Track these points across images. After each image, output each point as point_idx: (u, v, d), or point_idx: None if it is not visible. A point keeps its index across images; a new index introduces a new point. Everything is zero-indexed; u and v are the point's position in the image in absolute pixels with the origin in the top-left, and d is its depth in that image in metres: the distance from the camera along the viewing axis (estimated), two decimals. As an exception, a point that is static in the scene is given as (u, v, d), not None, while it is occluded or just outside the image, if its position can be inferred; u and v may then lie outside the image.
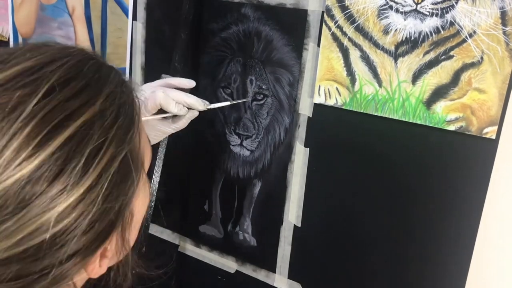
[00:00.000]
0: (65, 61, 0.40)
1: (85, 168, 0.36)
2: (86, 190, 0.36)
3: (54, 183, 0.35)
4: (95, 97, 0.39)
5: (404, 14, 0.61)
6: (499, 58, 0.57)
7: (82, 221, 0.37)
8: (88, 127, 0.37)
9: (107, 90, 0.41)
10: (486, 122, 0.59)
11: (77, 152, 0.36)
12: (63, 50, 0.42)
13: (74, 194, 0.36)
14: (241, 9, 0.76)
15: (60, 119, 0.36)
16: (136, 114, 0.44)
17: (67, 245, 0.36)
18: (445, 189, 0.64)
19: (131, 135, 0.41)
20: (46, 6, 1.01)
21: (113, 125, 0.39)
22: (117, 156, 0.39)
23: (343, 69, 0.68)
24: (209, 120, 0.83)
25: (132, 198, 0.42)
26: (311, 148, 0.74)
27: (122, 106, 0.42)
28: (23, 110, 0.35)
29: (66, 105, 0.37)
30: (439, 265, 0.66)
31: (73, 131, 0.36)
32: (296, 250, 0.78)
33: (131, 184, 0.41)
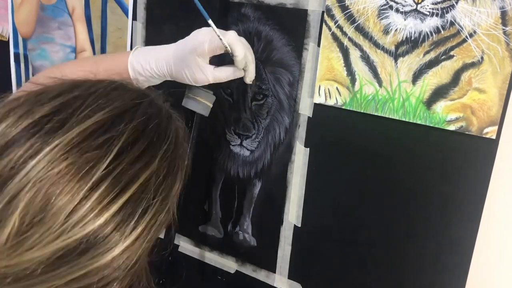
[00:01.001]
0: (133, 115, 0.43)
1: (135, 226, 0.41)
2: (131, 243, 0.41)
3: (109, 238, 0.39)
4: (155, 156, 0.43)
5: (404, 14, 0.61)
6: (499, 58, 0.57)
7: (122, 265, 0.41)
8: (145, 188, 0.42)
9: (164, 146, 0.45)
10: (486, 122, 0.59)
11: (132, 212, 0.41)
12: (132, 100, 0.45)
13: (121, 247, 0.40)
14: (241, 9, 0.76)
15: (125, 182, 0.40)
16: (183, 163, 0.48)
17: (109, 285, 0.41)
18: (445, 189, 0.64)
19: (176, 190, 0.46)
20: (46, 6, 1.01)
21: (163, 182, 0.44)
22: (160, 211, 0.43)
23: (343, 69, 0.68)
24: (209, 120, 0.83)
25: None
26: (311, 148, 0.74)
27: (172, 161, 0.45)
28: (95, 173, 0.39)
29: (131, 168, 0.41)
30: (439, 265, 0.66)
31: (132, 192, 0.40)
32: (296, 250, 0.78)
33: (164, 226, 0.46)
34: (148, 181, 0.42)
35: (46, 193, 0.37)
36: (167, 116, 0.48)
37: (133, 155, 0.41)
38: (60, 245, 0.37)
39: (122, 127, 0.42)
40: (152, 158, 0.43)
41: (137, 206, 0.41)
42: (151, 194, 0.42)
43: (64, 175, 0.38)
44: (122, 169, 0.40)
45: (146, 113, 0.45)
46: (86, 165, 0.39)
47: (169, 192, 0.45)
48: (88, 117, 0.41)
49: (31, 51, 1.06)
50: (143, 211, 0.41)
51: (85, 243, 0.38)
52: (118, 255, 0.40)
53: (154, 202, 0.42)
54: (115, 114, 0.42)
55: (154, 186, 0.42)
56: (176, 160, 0.46)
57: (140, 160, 0.41)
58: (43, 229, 0.37)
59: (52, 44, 1.02)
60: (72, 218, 0.38)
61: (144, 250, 0.43)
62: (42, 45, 1.04)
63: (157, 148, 0.44)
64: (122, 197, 0.40)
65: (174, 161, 0.46)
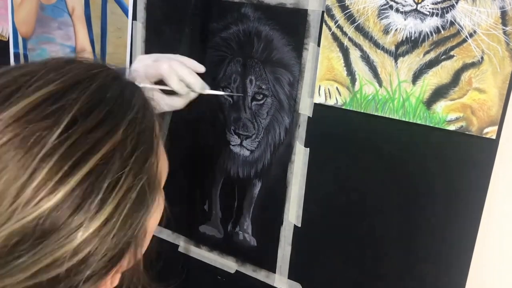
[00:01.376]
0: (88, 84, 0.39)
1: (103, 202, 0.36)
2: (102, 223, 0.36)
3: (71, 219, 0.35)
4: (117, 125, 0.38)
5: (404, 14, 0.61)
6: (499, 58, 0.57)
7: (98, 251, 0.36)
8: (108, 159, 0.37)
9: (129, 116, 0.40)
10: (486, 122, 0.59)
11: (95, 186, 0.36)
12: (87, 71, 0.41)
13: (91, 228, 0.35)
14: (241, 9, 0.76)
15: (81, 153, 0.35)
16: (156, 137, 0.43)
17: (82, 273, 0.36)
18: (445, 189, 0.64)
19: (149, 163, 0.40)
20: (46, 6, 1.01)
21: (132, 154, 0.38)
22: (134, 187, 0.38)
23: (343, 69, 0.68)
24: (209, 120, 0.83)
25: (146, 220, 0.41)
26: (311, 148, 0.74)
27: (142, 132, 0.40)
28: (44, 145, 0.34)
29: (88, 138, 0.36)
30: (439, 265, 0.66)
31: (93, 164, 0.36)
32: (296, 250, 0.78)
33: (147, 209, 0.40)
34: (112, 152, 0.37)
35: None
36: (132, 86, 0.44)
37: (90, 124, 0.37)
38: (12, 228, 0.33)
39: (75, 96, 0.37)
40: (115, 128, 0.38)
41: (101, 180, 0.36)
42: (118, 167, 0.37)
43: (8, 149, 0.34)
44: (77, 139, 0.35)
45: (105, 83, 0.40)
46: (32, 135, 0.34)
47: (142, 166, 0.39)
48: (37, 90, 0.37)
49: (31, 51, 1.06)
50: (109, 186, 0.36)
51: (43, 224, 0.34)
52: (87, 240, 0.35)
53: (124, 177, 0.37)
54: (68, 85, 0.38)
55: (120, 159, 0.37)
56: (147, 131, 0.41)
57: (99, 130, 0.37)
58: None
59: (52, 44, 1.02)
60: (23, 195, 0.33)
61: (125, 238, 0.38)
62: (42, 45, 1.04)
63: (120, 117, 0.39)
64: (80, 170, 0.35)
65: (144, 133, 0.41)
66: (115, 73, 0.43)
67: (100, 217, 0.36)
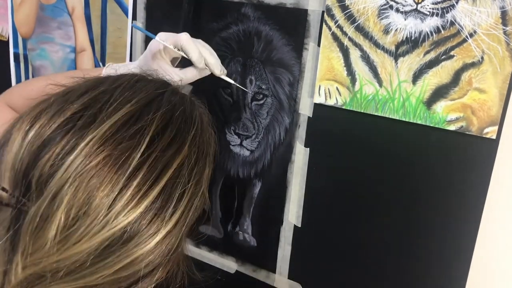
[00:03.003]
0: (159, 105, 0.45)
1: (174, 209, 0.43)
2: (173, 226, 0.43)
3: (150, 225, 0.41)
4: (184, 142, 0.45)
5: (405, 14, 0.61)
6: (499, 58, 0.57)
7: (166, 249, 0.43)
8: (179, 173, 0.43)
9: (192, 132, 0.47)
10: (487, 122, 0.59)
11: (170, 197, 0.42)
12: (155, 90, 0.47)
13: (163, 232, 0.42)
14: (241, 9, 0.76)
15: (160, 169, 0.42)
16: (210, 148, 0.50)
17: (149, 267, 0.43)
18: (445, 189, 0.64)
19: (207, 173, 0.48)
20: (45, 6, 1.01)
21: (194, 166, 0.45)
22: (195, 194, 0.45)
23: (343, 69, 0.68)
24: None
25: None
26: (311, 148, 0.74)
27: (201, 146, 0.47)
28: (131, 163, 0.40)
29: (164, 155, 0.43)
30: (439, 265, 0.66)
31: (168, 178, 0.42)
32: (296, 250, 0.78)
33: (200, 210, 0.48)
34: (181, 166, 0.44)
35: (87, 186, 0.39)
36: (191, 103, 0.50)
37: (165, 142, 0.43)
38: (106, 235, 0.39)
39: (151, 116, 0.43)
40: (183, 144, 0.44)
41: (174, 191, 0.43)
42: (185, 179, 0.44)
43: (103, 167, 0.39)
44: (156, 156, 0.42)
45: (171, 101, 0.47)
46: (122, 155, 0.40)
47: (201, 176, 0.47)
48: (117, 110, 0.42)
49: (31, 51, 1.06)
50: (180, 195, 0.43)
51: (129, 231, 0.40)
52: (160, 240, 0.42)
53: (189, 186, 0.44)
54: (142, 105, 0.44)
55: (187, 171, 0.44)
56: (204, 145, 0.48)
57: (172, 147, 0.43)
58: (88, 221, 0.39)
59: (52, 44, 1.02)
60: (115, 208, 0.39)
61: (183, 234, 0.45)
62: (42, 45, 1.04)
63: (186, 134, 0.46)
64: (159, 183, 0.41)
65: (202, 146, 0.48)
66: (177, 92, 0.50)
67: (172, 222, 0.42)
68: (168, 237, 0.43)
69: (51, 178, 0.39)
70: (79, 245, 0.39)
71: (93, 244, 0.39)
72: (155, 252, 0.42)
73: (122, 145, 0.41)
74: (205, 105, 0.53)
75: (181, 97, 0.50)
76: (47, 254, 0.38)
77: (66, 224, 0.38)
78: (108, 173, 0.40)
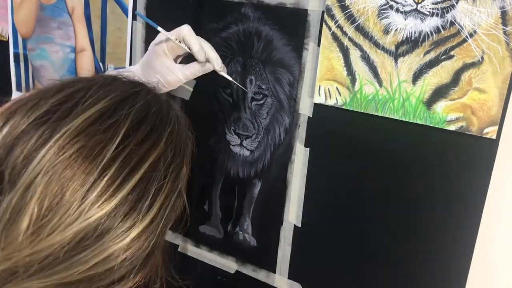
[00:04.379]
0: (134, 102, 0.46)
1: (151, 204, 0.42)
2: (149, 222, 0.42)
3: (125, 220, 0.41)
4: (160, 138, 0.45)
5: (405, 14, 0.61)
6: (499, 58, 0.57)
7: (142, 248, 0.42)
8: (155, 167, 0.43)
9: (168, 129, 0.47)
10: (487, 122, 0.59)
11: (145, 192, 0.42)
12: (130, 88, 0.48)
13: (140, 228, 0.42)
14: (241, 9, 0.76)
15: (134, 162, 0.42)
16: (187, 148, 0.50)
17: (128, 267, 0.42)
18: (445, 189, 0.64)
19: (184, 171, 0.48)
20: (45, 6, 1.01)
21: (171, 163, 0.45)
22: (173, 192, 0.45)
23: (343, 69, 0.68)
24: (209, 120, 0.83)
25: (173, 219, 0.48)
26: (311, 148, 0.74)
27: (177, 143, 0.47)
28: (106, 155, 0.40)
29: (139, 149, 0.43)
30: (439, 265, 0.66)
31: (143, 172, 0.42)
32: (296, 250, 0.78)
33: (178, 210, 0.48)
34: (157, 161, 0.44)
35: (60, 177, 0.39)
36: (167, 103, 0.51)
37: (139, 137, 0.43)
38: (79, 226, 0.39)
39: (126, 111, 0.44)
40: (158, 140, 0.45)
41: (150, 185, 0.42)
42: (162, 174, 0.44)
43: (76, 158, 0.39)
44: (130, 150, 0.42)
45: (147, 99, 0.47)
46: (96, 147, 0.40)
47: (178, 173, 0.47)
48: (92, 105, 0.43)
49: (30, 51, 1.06)
50: (156, 190, 0.43)
51: (104, 223, 0.39)
52: (137, 236, 0.41)
53: (166, 182, 0.44)
54: (117, 101, 0.45)
55: (163, 167, 0.44)
56: (181, 144, 0.48)
57: (147, 142, 0.43)
58: (61, 212, 0.38)
59: (51, 44, 1.02)
60: (88, 199, 0.39)
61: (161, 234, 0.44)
62: (41, 45, 1.04)
63: (162, 130, 0.46)
64: (135, 176, 0.41)
65: (179, 144, 0.48)
66: (153, 91, 0.50)
67: (148, 217, 0.42)
68: (145, 234, 0.42)
69: (24, 169, 0.39)
70: (52, 237, 0.38)
71: (66, 236, 0.38)
72: (131, 248, 0.41)
73: (96, 137, 0.41)
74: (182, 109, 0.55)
75: (156, 96, 0.50)
76: (19, 248, 0.38)
77: (39, 215, 0.38)
78: (82, 164, 0.39)
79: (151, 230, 0.43)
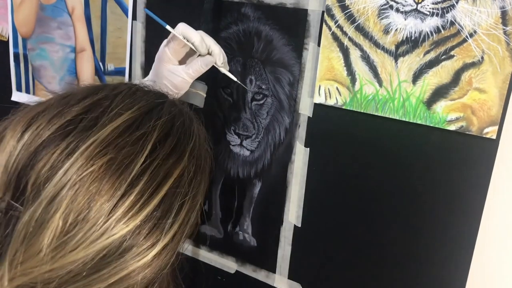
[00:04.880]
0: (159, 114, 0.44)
1: (172, 222, 0.41)
2: (169, 241, 0.41)
3: (149, 237, 0.39)
4: (184, 152, 0.44)
5: (405, 14, 0.61)
6: (499, 58, 0.57)
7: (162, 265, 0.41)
8: (178, 184, 0.42)
9: (191, 144, 0.45)
10: (487, 122, 0.59)
11: (169, 209, 0.41)
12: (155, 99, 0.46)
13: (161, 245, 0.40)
14: (241, 9, 0.76)
15: (161, 177, 0.40)
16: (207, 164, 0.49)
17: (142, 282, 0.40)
18: (445, 189, 0.64)
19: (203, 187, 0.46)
20: (45, 6, 1.01)
21: (193, 179, 0.44)
22: (193, 207, 0.44)
23: (343, 69, 0.68)
24: (209, 120, 0.83)
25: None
26: (311, 148, 0.74)
27: (199, 158, 0.46)
28: (133, 169, 0.39)
29: (165, 163, 0.41)
30: (439, 265, 0.66)
31: (168, 188, 0.41)
32: (296, 250, 0.78)
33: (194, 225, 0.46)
34: (181, 176, 0.42)
35: (87, 190, 0.37)
36: (189, 116, 0.49)
37: (166, 150, 0.42)
38: (104, 243, 0.37)
39: (152, 123, 0.42)
40: (182, 154, 0.43)
41: (174, 201, 0.41)
42: (185, 190, 0.42)
43: (105, 171, 0.38)
44: (158, 164, 0.40)
45: (171, 112, 0.46)
46: (124, 160, 0.39)
47: (199, 189, 0.45)
48: (119, 115, 0.41)
49: (30, 51, 1.06)
50: (179, 207, 0.42)
51: (128, 240, 0.38)
52: (158, 253, 0.40)
53: (188, 198, 0.43)
54: (143, 112, 0.43)
55: (186, 182, 0.43)
56: (202, 158, 0.47)
57: (172, 156, 0.42)
58: (87, 227, 0.37)
59: (51, 44, 1.02)
60: (116, 214, 0.37)
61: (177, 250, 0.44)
62: (41, 45, 1.04)
63: (185, 145, 0.45)
64: (160, 192, 0.40)
65: (200, 159, 0.47)
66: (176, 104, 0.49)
67: (169, 235, 0.41)
68: (165, 251, 0.41)
69: (49, 180, 0.37)
70: (76, 253, 0.36)
71: (90, 252, 0.37)
72: (151, 265, 0.40)
73: (124, 150, 0.39)
74: (202, 122, 0.52)
75: (180, 109, 0.49)
76: (40, 263, 0.36)
77: (63, 230, 0.36)
78: (110, 177, 0.38)
79: (170, 248, 0.42)
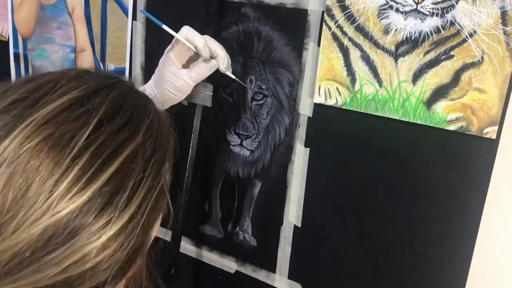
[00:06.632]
0: (108, 92, 0.42)
1: (128, 200, 0.39)
2: (128, 220, 0.38)
3: (100, 215, 0.37)
4: (138, 129, 0.42)
5: (405, 14, 0.61)
6: (499, 58, 0.57)
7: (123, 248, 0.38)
8: (132, 160, 0.40)
9: (147, 121, 0.43)
10: (487, 122, 0.59)
11: (122, 185, 0.38)
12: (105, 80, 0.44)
13: (117, 226, 0.38)
14: (241, 9, 0.76)
15: (108, 152, 0.38)
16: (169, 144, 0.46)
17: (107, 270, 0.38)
18: (445, 189, 0.64)
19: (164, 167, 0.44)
20: (46, 6, 1.01)
21: (151, 157, 0.42)
22: (153, 188, 0.41)
23: (343, 69, 0.68)
24: (209, 120, 0.83)
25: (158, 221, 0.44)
26: (311, 148, 0.74)
27: (158, 138, 0.44)
28: (76, 144, 0.37)
29: (113, 139, 0.39)
30: (439, 265, 0.66)
31: (119, 164, 0.38)
32: (296, 250, 0.78)
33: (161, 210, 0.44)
34: (135, 153, 0.40)
35: (25, 168, 0.35)
36: (145, 96, 0.47)
37: (114, 127, 0.40)
38: (48, 222, 0.35)
39: (99, 101, 0.40)
40: (135, 131, 0.41)
41: (127, 179, 0.39)
42: (141, 167, 0.40)
43: (42, 148, 0.36)
44: (104, 140, 0.38)
45: (122, 90, 0.44)
46: (64, 135, 0.37)
47: (160, 168, 0.43)
48: (63, 94, 0.39)
49: (31, 51, 1.06)
50: (135, 184, 0.39)
51: (75, 219, 0.36)
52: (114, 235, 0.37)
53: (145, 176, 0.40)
54: (91, 91, 0.41)
55: (142, 160, 0.40)
56: (162, 138, 0.45)
57: (122, 132, 0.40)
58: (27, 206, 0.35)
59: (52, 44, 1.02)
60: (57, 191, 0.35)
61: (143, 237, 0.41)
62: (42, 45, 1.04)
63: (139, 122, 0.42)
64: (109, 167, 0.38)
65: (160, 138, 0.44)
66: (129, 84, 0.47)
67: (126, 214, 0.38)
68: (123, 233, 0.38)
69: None
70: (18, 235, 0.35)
71: (33, 232, 0.35)
72: (109, 248, 0.37)
73: (65, 126, 0.37)
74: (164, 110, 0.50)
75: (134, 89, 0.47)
76: None
77: (2, 210, 0.35)
78: (49, 153, 0.36)
79: (130, 229, 0.39)
